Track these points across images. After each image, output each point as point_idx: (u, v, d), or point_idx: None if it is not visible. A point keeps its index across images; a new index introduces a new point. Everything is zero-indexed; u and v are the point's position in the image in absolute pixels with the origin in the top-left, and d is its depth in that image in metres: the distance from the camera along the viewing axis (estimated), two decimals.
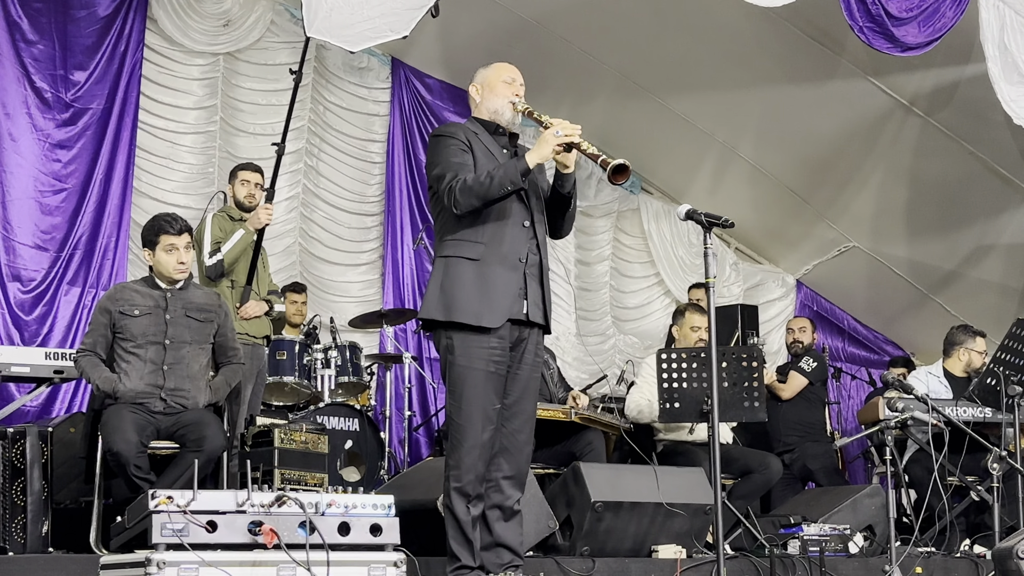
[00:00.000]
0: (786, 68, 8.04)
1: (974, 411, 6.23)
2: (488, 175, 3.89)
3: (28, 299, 7.04)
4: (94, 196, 7.33)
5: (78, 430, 5.17)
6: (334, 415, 6.76)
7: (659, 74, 8.51)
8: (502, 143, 4.15)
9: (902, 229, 9.42)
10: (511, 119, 4.15)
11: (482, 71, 4.23)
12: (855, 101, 8.08)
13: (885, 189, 9.02)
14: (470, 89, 4.24)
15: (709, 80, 8.39)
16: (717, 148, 9.12)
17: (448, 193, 3.93)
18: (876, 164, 8.73)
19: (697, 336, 6.30)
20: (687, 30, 7.92)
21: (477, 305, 3.92)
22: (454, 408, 3.97)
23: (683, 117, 8.88)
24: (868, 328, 10.79)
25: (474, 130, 4.12)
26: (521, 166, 3.89)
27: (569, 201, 4.13)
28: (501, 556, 3.99)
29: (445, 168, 3.98)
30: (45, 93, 7.18)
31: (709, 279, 4.06)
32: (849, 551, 5.63)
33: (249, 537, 3.35)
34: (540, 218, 4.11)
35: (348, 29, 5.66)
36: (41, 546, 4.70)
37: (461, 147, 4.02)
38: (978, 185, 8.50)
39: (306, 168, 8.38)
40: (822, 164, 8.97)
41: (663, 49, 8.18)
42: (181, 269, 4.87)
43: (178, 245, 4.83)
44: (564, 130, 3.88)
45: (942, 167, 8.47)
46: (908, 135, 8.28)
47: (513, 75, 4.18)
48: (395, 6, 5.70)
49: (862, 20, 6.09)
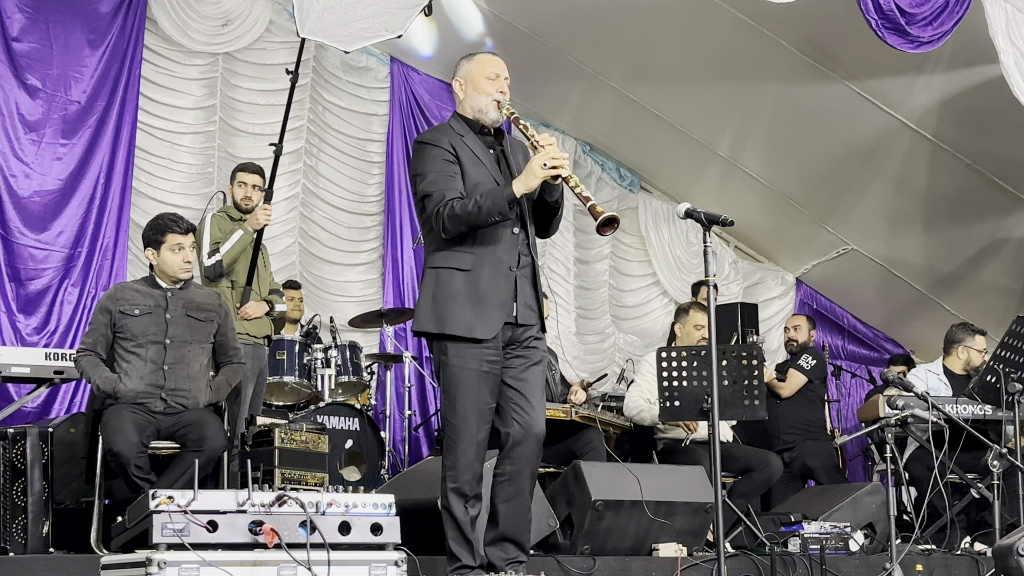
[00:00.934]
0: (782, 84, 8.08)
1: (974, 408, 6.23)
2: (476, 204, 3.85)
3: (28, 299, 7.04)
4: (95, 196, 7.32)
5: (78, 430, 5.18)
6: (334, 415, 6.75)
7: (655, 87, 8.58)
8: (488, 143, 4.08)
9: (899, 234, 9.46)
10: (496, 119, 4.06)
11: (464, 63, 4.12)
12: (850, 116, 8.12)
13: (882, 198, 9.06)
14: (453, 84, 4.13)
15: (705, 94, 8.44)
16: (715, 159, 9.17)
17: (436, 218, 3.90)
18: (873, 175, 8.78)
19: (700, 334, 6.31)
20: (684, 45, 7.95)
21: (470, 316, 3.90)
22: (449, 409, 3.96)
23: (680, 128, 8.94)
24: (868, 326, 10.80)
25: (459, 131, 4.04)
26: (508, 194, 3.84)
27: (557, 209, 4.10)
28: (507, 550, 3.98)
29: (431, 187, 3.93)
30: (43, 93, 7.18)
31: (709, 277, 4.06)
32: (849, 549, 5.63)
33: (250, 537, 3.35)
34: (529, 221, 4.07)
35: (342, 29, 5.66)
36: (42, 546, 4.70)
37: (446, 157, 3.96)
38: (976, 193, 8.52)
39: (305, 168, 8.37)
40: (819, 175, 9.03)
41: (659, 63, 8.24)
42: (187, 268, 4.89)
43: (184, 244, 4.86)
44: (552, 162, 3.82)
45: (940, 178, 8.51)
46: (905, 148, 8.32)
47: (497, 69, 4.06)
48: (389, 5, 5.69)
49: (877, 16, 6.10)
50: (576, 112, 9.15)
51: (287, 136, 6.34)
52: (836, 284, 10.46)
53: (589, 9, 7.75)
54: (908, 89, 7.72)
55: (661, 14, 7.66)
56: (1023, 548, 3.30)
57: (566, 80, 8.61)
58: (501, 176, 4.04)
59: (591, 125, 9.35)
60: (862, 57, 7.43)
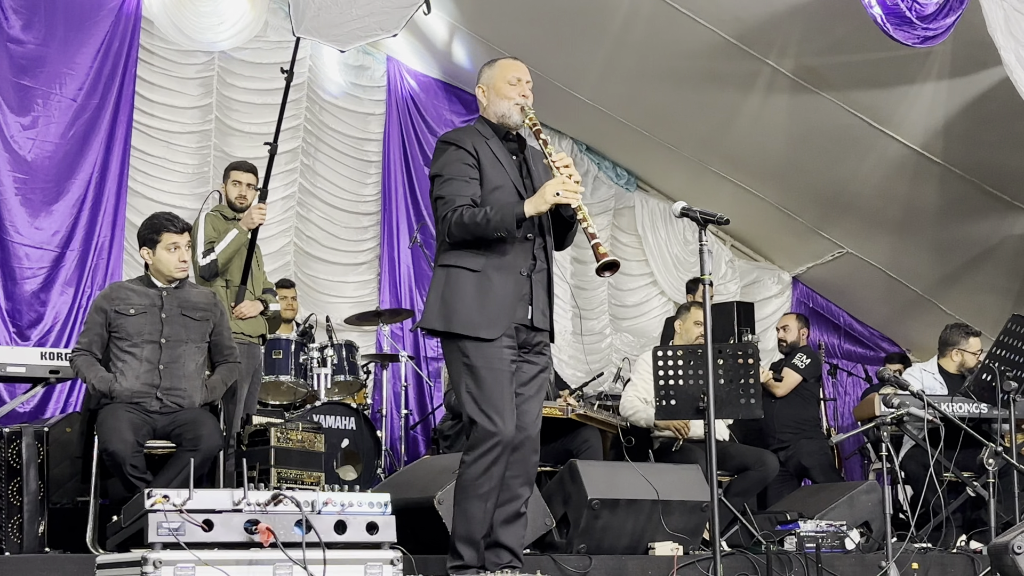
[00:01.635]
0: (771, 105, 8.13)
1: (970, 407, 6.24)
2: (484, 216, 3.86)
3: (23, 299, 7.03)
4: (89, 196, 7.32)
5: (74, 430, 5.17)
6: (330, 414, 6.76)
7: (640, 112, 8.70)
8: (511, 148, 4.09)
9: (894, 240, 9.50)
10: (519, 121, 4.05)
11: (487, 70, 4.14)
12: (840, 133, 8.18)
13: (875, 208, 9.10)
14: (477, 91, 4.15)
15: (693, 117, 8.56)
16: (707, 173, 9.23)
17: (443, 222, 3.93)
18: (863, 186, 8.82)
19: (699, 332, 6.32)
20: (668, 75, 8.07)
21: (477, 316, 3.90)
22: (470, 407, 3.90)
23: (669, 146, 9.05)
24: (864, 324, 10.81)
25: (484, 135, 4.05)
26: (518, 213, 3.85)
27: (572, 223, 4.11)
28: (500, 556, 3.98)
29: (445, 189, 3.94)
30: (38, 91, 7.17)
31: (705, 275, 4.07)
32: (845, 547, 5.63)
33: (245, 536, 3.35)
34: (547, 228, 4.08)
35: (337, 29, 5.66)
36: (37, 546, 4.70)
37: (466, 160, 3.96)
38: (972, 201, 8.55)
39: (302, 167, 8.37)
40: (812, 186, 9.10)
41: (643, 91, 8.36)
42: (183, 267, 4.90)
43: (180, 243, 4.87)
44: (564, 192, 3.83)
45: (933, 190, 8.55)
46: (894, 162, 8.35)
47: (519, 74, 4.07)
48: (384, 5, 5.69)
49: (881, 11, 6.09)
50: (570, 122, 9.19)
51: (283, 135, 6.33)
52: (833, 283, 10.47)
53: (571, 37, 7.82)
54: (897, 105, 7.75)
55: (652, 43, 7.76)
56: (1018, 546, 3.30)
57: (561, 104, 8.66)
58: (521, 181, 4.04)
59: (585, 136, 9.46)
60: (850, 72, 7.50)
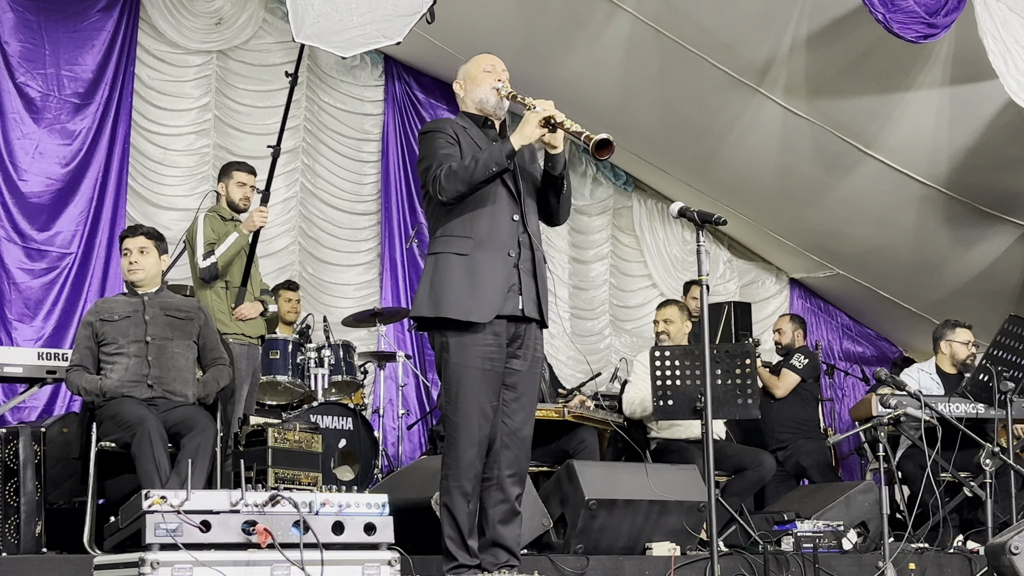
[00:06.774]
0: (757, 132, 8.18)
1: (967, 407, 6.25)
2: (473, 159, 3.89)
3: (21, 300, 7.03)
4: (89, 198, 7.32)
5: (71, 430, 5.16)
6: (328, 414, 6.74)
7: (631, 137, 8.71)
8: (491, 136, 4.13)
9: (884, 264, 9.52)
10: (496, 104, 4.12)
11: (463, 67, 4.24)
12: (826, 157, 8.21)
13: (864, 234, 9.12)
14: (454, 86, 4.23)
15: (680, 145, 8.64)
16: (695, 193, 9.27)
17: (434, 182, 3.92)
18: (849, 213, 8.84)
19: (659, 329, 6.40)
20: (656, 102, 8.13)
21: (466, 301, 3.90)
22: (450, 406, 3.94)
23: (658, 167, 9.10)
24: (862, 325, 10.81)
25: (463, 124, 4.10)
26: (506, 148, 3.88)
27: (562, 183, 4.10)
28: (497, 556, 3.99)
29: (431, 160, 3.98)
30: (37, 93, 7.16)
31: (702, 276, 4.07)
32: (843, 547, 5.64)
33: (243, 537, 3.35)
34: (532, 211, 4.09)
35: (339, 35, 5.65)
36: (35, 547, 4.69)
37: (448, 140, 4.02)
38: (959, 220, 8.55)
39: (303, 167, 8.37)
40: (798, 214, 9.17)
41: (631, 117, 8.40)
42: (132, 269, 4.98)
43: (131, 248, 4.98)
44: (545, 108, 3.89)
45: (926, 212, 8.56)
46: (879, 185, 8.35)
47: (492, 63, 4.16)
48: (387, 13, 5.68)
49: (883, 10, 6.09)
50: None
51: (283, 134, 6.33)
52: (828, 291, 10.51)
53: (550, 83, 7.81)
54: (881, 127, 7.77)
55: (635, 73, 7.80)
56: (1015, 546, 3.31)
57: None
58: None
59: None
60: (836, 95, 7.54)
